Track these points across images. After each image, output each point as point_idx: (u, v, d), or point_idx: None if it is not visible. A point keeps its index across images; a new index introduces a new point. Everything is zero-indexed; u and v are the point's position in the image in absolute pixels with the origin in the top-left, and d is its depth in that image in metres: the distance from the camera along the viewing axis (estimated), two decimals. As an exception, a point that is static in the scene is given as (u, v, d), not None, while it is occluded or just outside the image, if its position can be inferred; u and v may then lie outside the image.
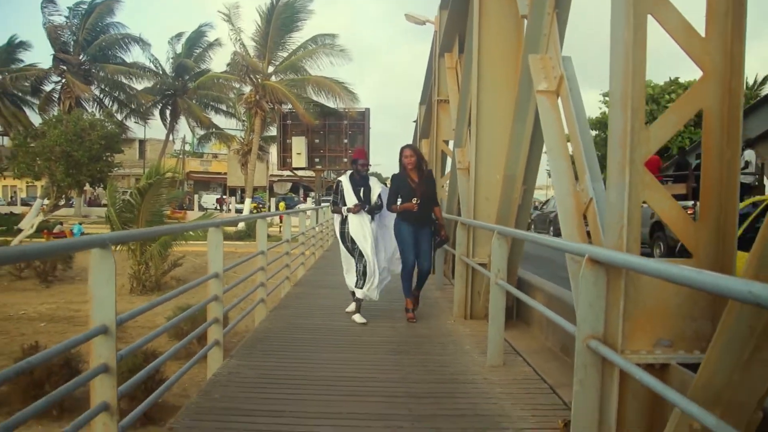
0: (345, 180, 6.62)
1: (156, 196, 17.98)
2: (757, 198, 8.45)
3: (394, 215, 6.55)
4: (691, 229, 2.82)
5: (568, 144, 4.23)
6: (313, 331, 6.03)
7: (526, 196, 5.87)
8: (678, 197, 11.42)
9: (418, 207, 6.27)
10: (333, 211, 6.81)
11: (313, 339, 5.69)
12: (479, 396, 4.13)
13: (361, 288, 6.35)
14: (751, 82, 27.58)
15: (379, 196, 6.56)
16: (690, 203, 9.64)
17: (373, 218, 6.54)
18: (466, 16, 8.00)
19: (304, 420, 3.63)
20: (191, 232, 19.39)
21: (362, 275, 6.34)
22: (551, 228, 20.06)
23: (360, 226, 6.39)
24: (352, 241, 6.42)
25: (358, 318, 6.41)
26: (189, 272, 19.72)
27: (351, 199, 6.47)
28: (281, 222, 22.15)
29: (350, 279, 6.56)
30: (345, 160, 27.51)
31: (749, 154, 11.19)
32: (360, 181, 6.55)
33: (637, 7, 2.73)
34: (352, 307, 6.61)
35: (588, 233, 3.80)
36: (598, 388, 2.77)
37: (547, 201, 21.00)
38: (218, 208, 48.51)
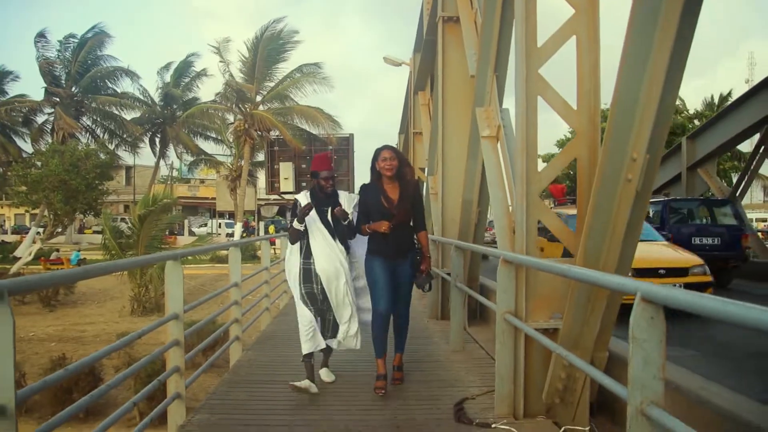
0: (304, 199, 4.93)
1: (155, 222, 19.18)
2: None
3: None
4: (571, 238, 4.20)
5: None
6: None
7: (481, 217, 7.24)
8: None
9: (395, 233, 4.66)
10: (291, 240, 5.00)
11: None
12: (441, 369, 5.48)
13: (334, 338, 4.96)
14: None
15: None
16: None
17: (348, 249, 4.95)
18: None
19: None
20: (189, 257, 20.47)
21: (332, 326, 4.95)
22: None
23: (330, 261, 4.78)
24: (320, 284, 4.80)
25: (324, 374, 5.08)
26: (185, 294, 20.86)
27: (314, 224, 4.83)
28: (274, 245, 23.48)
29: (312, 338, 4.82)
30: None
31: None
32: (325, 199, 4.88)
33: (529, 90, 4.12)
34: (304, 383, 4.64)
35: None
36: (512, 346, 4.11)
37: None
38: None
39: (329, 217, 4.84)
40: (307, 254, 4.84)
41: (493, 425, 3.95)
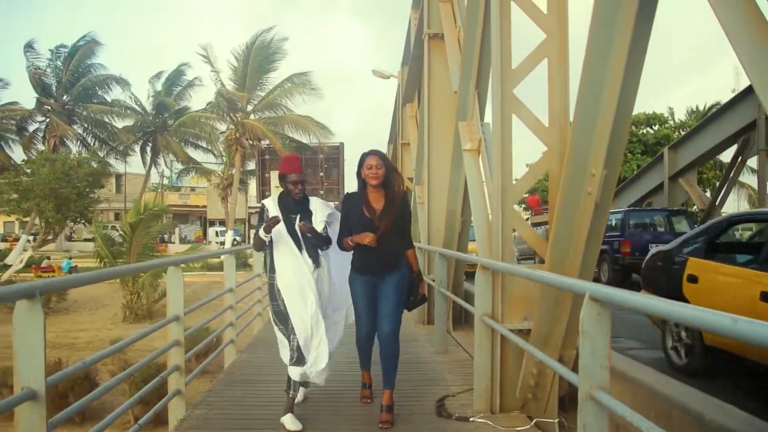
0: (271, 204, 4.40)
1: (146, 231, 19.40)
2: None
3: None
4: (543, 246, 4.54)
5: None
6: (302, 335, 7.62)
7: (464, 226, 7.58)
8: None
9: (380, 246, 4.13)
10: (255, 247, 4.64)
11: (303, 340, 7.29)
12: (426, 369, 5.82)
13: (300, 365, 4.17)
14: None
15: (325, 228, 4.35)
16: None
17: (317, 262, 4.32)
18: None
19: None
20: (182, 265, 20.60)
21: (297, 350, 4.17)
22: None
23: (295, 275, 4.20)
24: (284, 301, 4.19)
25: (288, 422, 4.15)
26: (178, 300, 21.03)
27: (279, 233, 4.23)
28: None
29: (285, 354, 4.31)
30: (321, 192, 29.18)
31: None
32: (294, 206, 4.34)
33: (505, 110, 4.47)
34: (292, 397, 4.30)
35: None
36: (488, 346, 4.43)
37: None
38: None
39: (297, 227, 4.27)
40: (271, 268, 4.32)
41: (471, 419, 4.27)
